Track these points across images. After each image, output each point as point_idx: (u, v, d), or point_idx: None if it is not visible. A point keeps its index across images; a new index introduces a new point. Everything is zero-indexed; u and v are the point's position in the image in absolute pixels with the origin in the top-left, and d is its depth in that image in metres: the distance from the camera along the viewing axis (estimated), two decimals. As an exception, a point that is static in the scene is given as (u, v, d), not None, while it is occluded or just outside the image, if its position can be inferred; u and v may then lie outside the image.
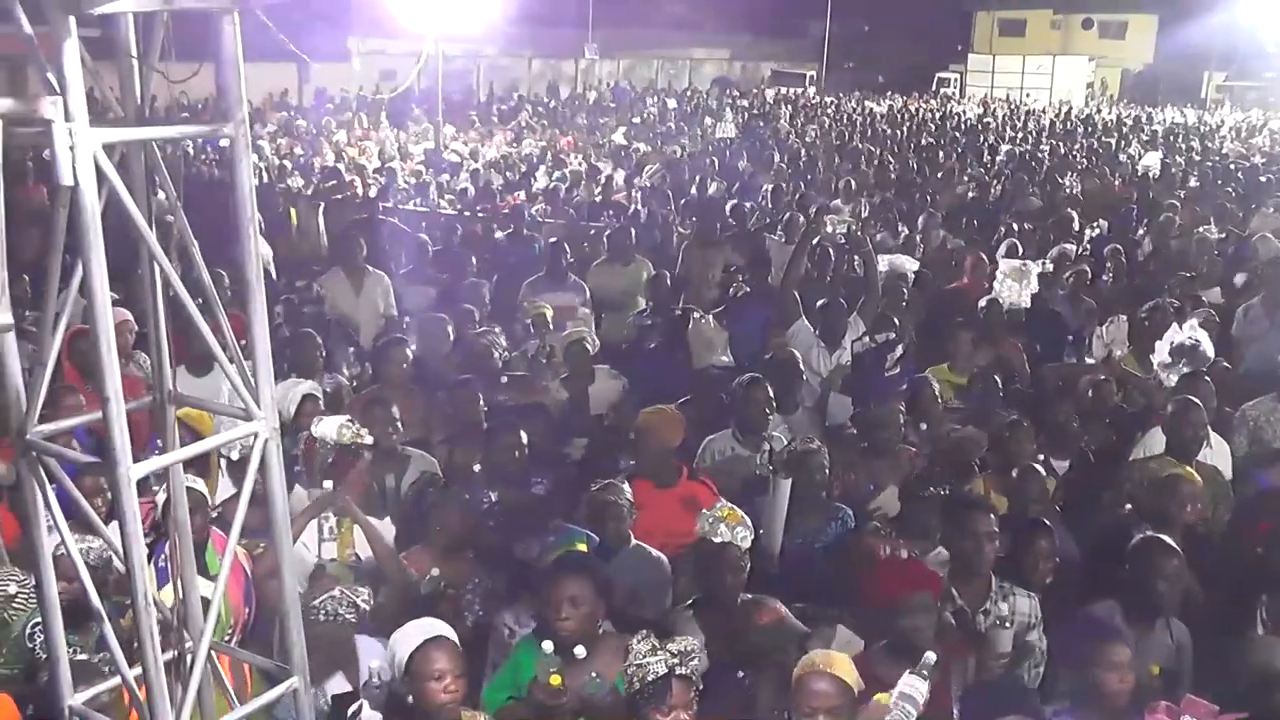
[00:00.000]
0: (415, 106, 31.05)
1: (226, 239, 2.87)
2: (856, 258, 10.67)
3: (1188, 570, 5.53)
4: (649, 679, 4.27)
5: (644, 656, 4.31)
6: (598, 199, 17.03)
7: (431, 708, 4.32)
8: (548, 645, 4.65)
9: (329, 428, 5.84)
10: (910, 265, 11.11)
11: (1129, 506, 6.39)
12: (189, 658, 3.17)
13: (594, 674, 4.66)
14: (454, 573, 5.79)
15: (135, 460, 2.73)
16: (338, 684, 4.85)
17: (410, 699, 4.35)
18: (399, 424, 6.83)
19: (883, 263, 10.46)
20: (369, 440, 5.87)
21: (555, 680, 4.52)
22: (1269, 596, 5.59)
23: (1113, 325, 9.19)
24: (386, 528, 6.17)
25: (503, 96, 42.91)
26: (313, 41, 19.69)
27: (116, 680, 3.16)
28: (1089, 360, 9.67)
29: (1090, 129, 35.76)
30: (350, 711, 4.38)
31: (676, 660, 4.30)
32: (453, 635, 4.53)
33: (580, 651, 4.71)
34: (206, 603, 3.15)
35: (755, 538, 5.64)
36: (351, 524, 5.82)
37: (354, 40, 42.06)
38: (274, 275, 11.85)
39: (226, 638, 5.21)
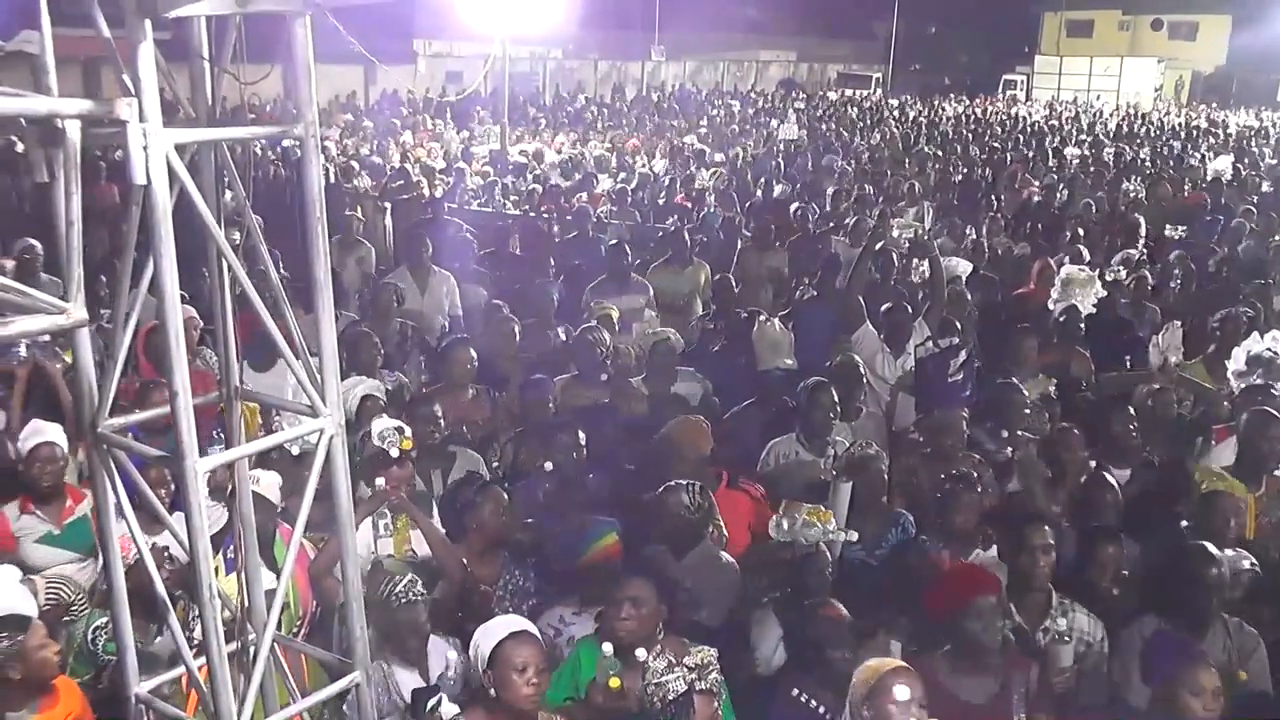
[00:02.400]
0: (480, 108, 31.19)
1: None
2: (922, 262, 10.59)
3: (1229, 577, 5.40)
4: (669, 698, 4.22)
5: (661, 674, 4.26)
6: (661, 201, 17.03)
7: (516, 700, 4.30)
8: (608, 648, 4.64)
9: (375, 427, 5.92)
10: (963, 268, 10.99)
11: (1184, 523, 6.27)
12: (252, 650, 3.21)
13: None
14: (490, 571, 5.85)
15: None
16: (413, 679, 4.90)
17: (493, 691, 4.34)
18: (440, 422, 6.91)
19: None
20: (395, 453, 5.90)
21: (615, 683, 4.51)
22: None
23: (1168, 332, 9.03)
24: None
25: (568, 98, 43.05)
26: (379, 44, 19.79)
27: (180, 670, 3.21)
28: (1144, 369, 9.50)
29: (1158, 132, 35.25)
30: (429, 705, 4.40)
31: (695, 676, 4.25)
32: (535, 630, 4.52)
33: (641, 654, 4.67)
34: (271, 595, 3.19)
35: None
36: (408, 520, 5.89)
37: (420, 42, 42.42)
38: (373, 272, 12.00)
39: (295, 631, 5.29)
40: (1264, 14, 50.47)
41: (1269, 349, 7.90)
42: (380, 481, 5.82)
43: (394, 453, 5.90)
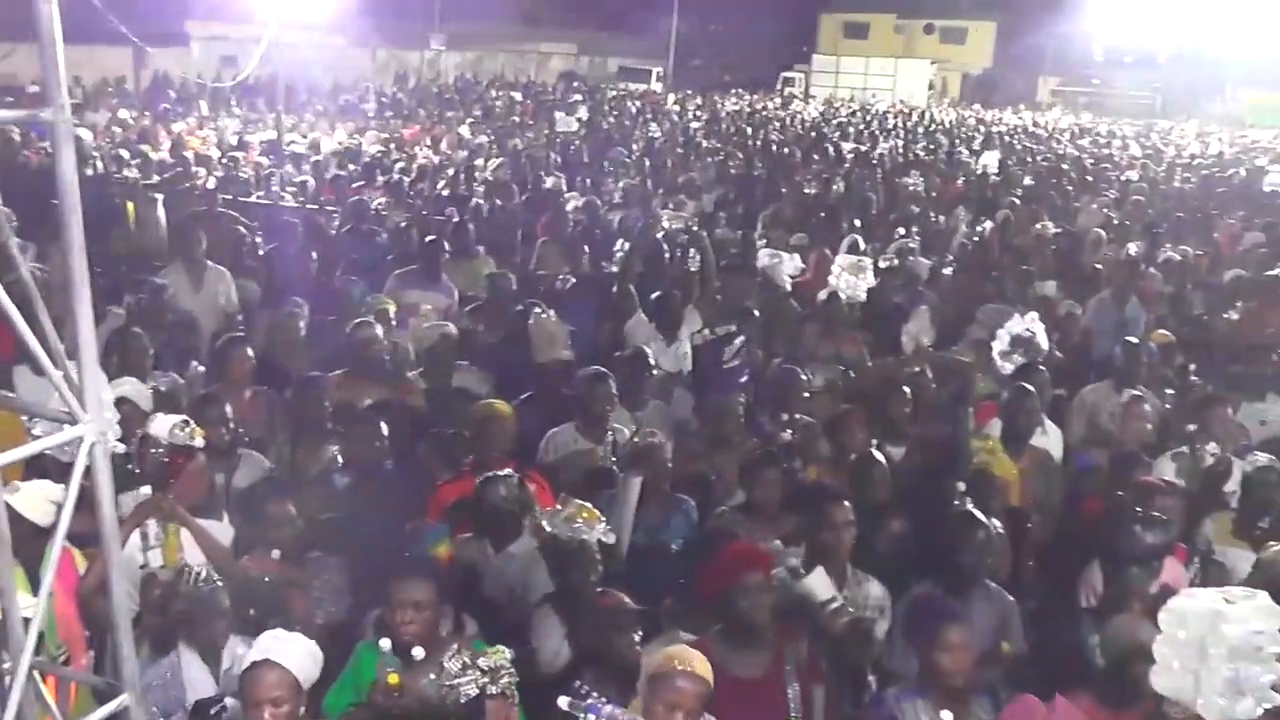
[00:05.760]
0: (256, 96, 30.23)
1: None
2: (693, 251, 10.86)
3: (997, 541, 5.88)
4: (462, 701, 4.17)
5: (454, 676, 4.21)
6: (443, 192, 16.82)
7: None
8: (385, 643, 4.54)
9: (162, 427, 5.64)
10: (790, 265, 11.13)
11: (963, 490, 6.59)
12: (7, 679, 3.00)
13: (433, 675, 4.59)
14: (298, 573, 5.69)
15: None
16: (204, 676, 4.79)
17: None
18: (230, 423, 6.72)
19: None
20: (199, 443, 5.67)
21: (393, 679, 4.42)
22: (1101, 569, 5.96)
23: (916, 318, 9.58)
24: (225, 529, 6.01)
25: (347, 87, 42.11)
26: (150, 25, 18.98)
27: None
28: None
29: (930, 129, 36.69)
30: (213, 712, 4.22)
31: (487, 679, 4.21)
32: (291, 657, 4.24)
33: (418, 653, 4.57)
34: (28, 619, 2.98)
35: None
36: (177, 528, 5.62)
37: (193, 24, 40.96)
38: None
39: (61, 656, 4.96)
40: (1026, 21, 55.22)
41: (1028, 329, 8.47)
42: (147, 490, 5.57)
43: (198, 442, 5.66)
